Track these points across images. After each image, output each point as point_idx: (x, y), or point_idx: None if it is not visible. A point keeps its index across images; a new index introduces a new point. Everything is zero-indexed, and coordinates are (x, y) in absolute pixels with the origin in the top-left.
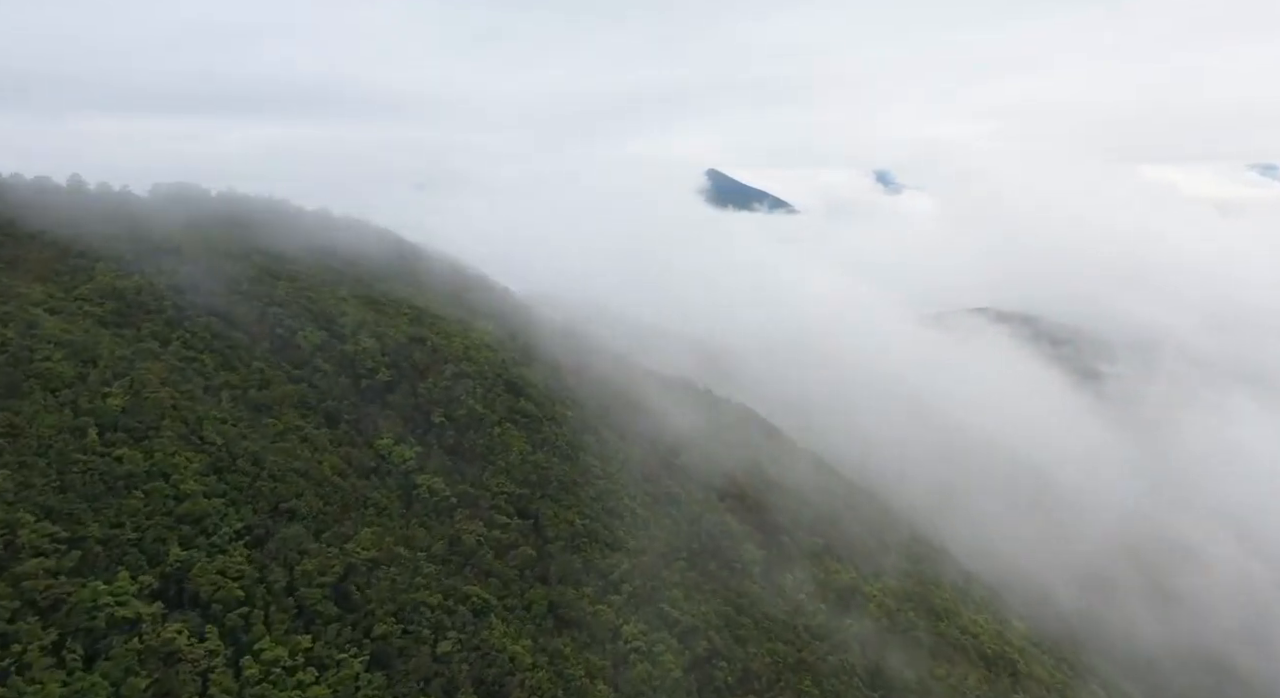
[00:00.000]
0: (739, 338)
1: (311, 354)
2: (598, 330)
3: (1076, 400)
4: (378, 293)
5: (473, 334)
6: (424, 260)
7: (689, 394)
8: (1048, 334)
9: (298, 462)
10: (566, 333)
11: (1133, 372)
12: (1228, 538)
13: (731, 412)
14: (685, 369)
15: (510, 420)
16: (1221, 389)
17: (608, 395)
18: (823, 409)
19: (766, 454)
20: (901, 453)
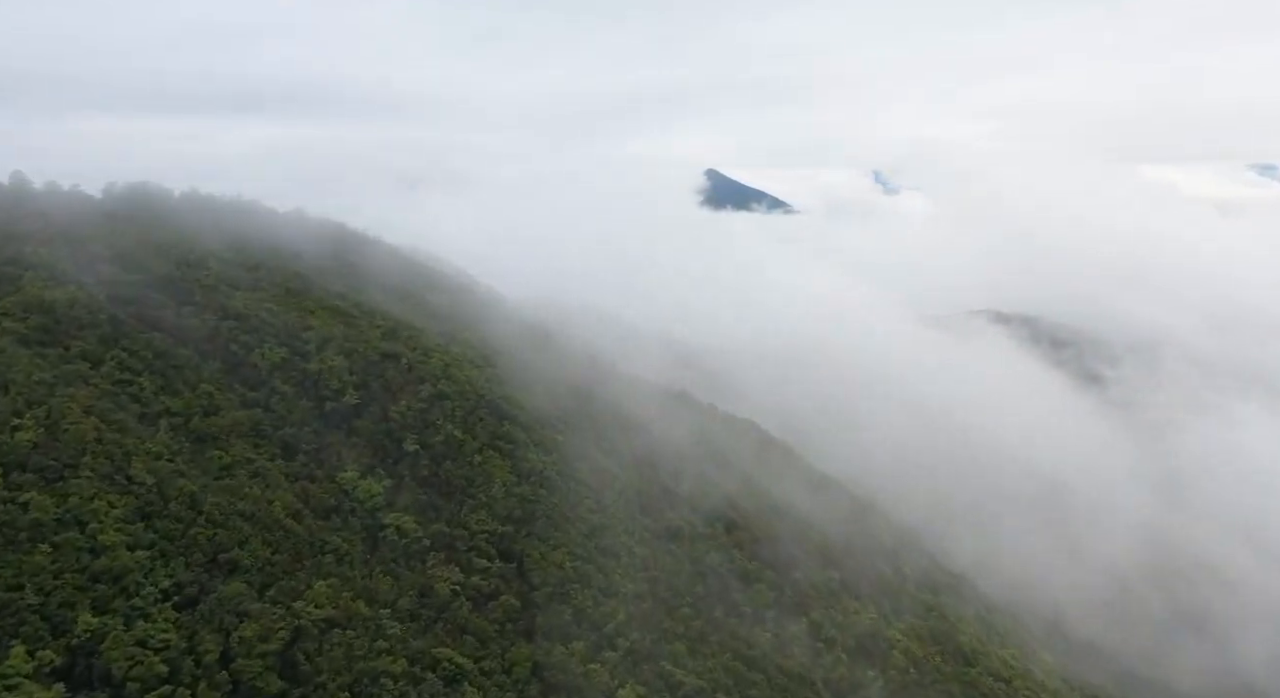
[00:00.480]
0: (737, 342)
1: (269, 374)
2: (592, 338)
3: (1081, 406)
4: (350, 304)
5: (454, 349)
6: (407, 266)
7: (689, 410)
8: (1049, 336)
9: (244, 502)
10: (559, 343)
11: (1136, 374)
12: (1245, 553)
13: (735, 429)
14: (682, 377)
15: (493, 447)
16: (1227, 393)
17: (603, 414)
18: (823, 415)
19: (773, 475)
20: (904, 461)
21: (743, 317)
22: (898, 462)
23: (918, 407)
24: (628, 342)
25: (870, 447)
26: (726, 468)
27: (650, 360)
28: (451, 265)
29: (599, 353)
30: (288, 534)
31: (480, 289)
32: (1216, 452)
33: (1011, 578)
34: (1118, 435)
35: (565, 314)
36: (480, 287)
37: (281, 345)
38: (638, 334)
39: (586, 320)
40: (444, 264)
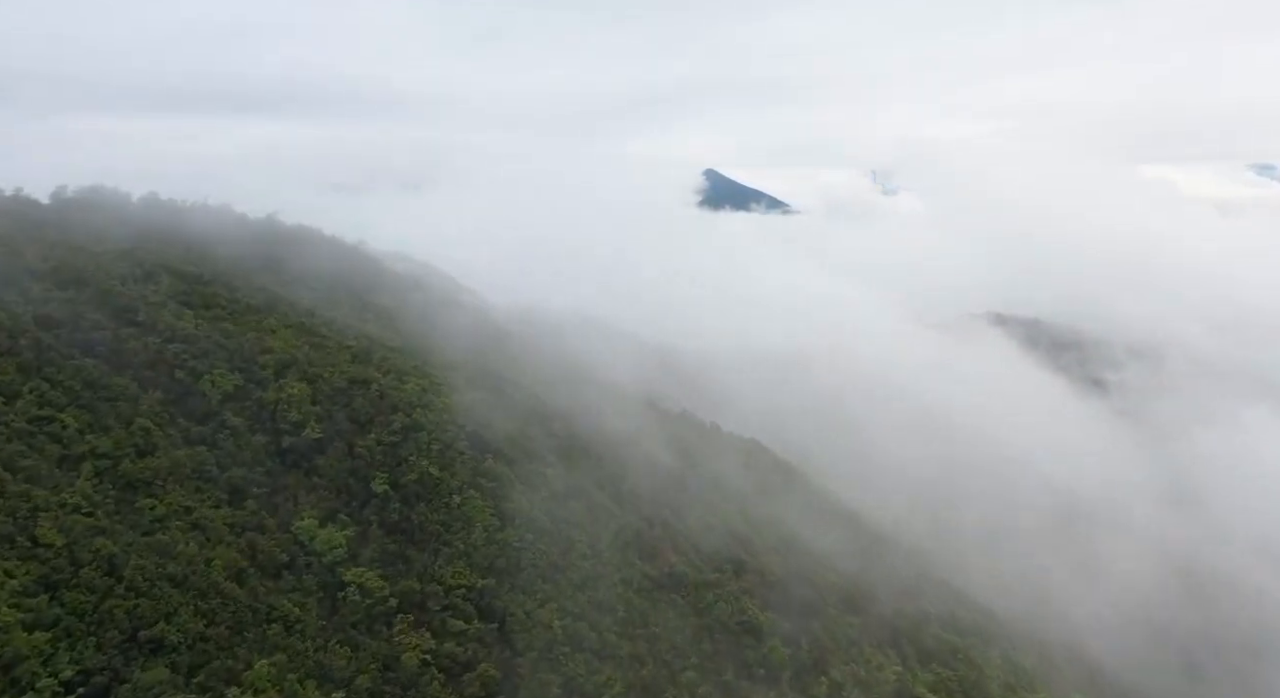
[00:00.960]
0: (732, 348)
1: (219, 405)
2: (582, 349)
3: (1087, 413)
4: (319, 321)
5: (433, 371)
6: (388, 278)
7: (691, 432)
8: (1049, 339)
9: (175, 563)
10: (551, 358)
11: (1139, 379)
12: (1268, 570)
13: (739, 451)
14: (677, 390)
15: (474, 485)
16: (1233, 397)
17: (596, 441)
18: (820, 423)
19: (781, 503)
20: (906, 473)
21: (738, 321)
22: (899, 474)
23: (919, 414)
24: (621, 352)
25: (870, 457)
26: (732, 497)
27: (645, 373)
28: (442, 274)
29: (590, 366)
30: (226, 601)
31: (468, 298)
32: (1227, 460)
33: (1029, 602)
34: (1125, 444)
35: (555, 322)
36: (468, 295)
37: (235, 371)
38: (631, 343)
39: (577, 329)
40: (433, 272)
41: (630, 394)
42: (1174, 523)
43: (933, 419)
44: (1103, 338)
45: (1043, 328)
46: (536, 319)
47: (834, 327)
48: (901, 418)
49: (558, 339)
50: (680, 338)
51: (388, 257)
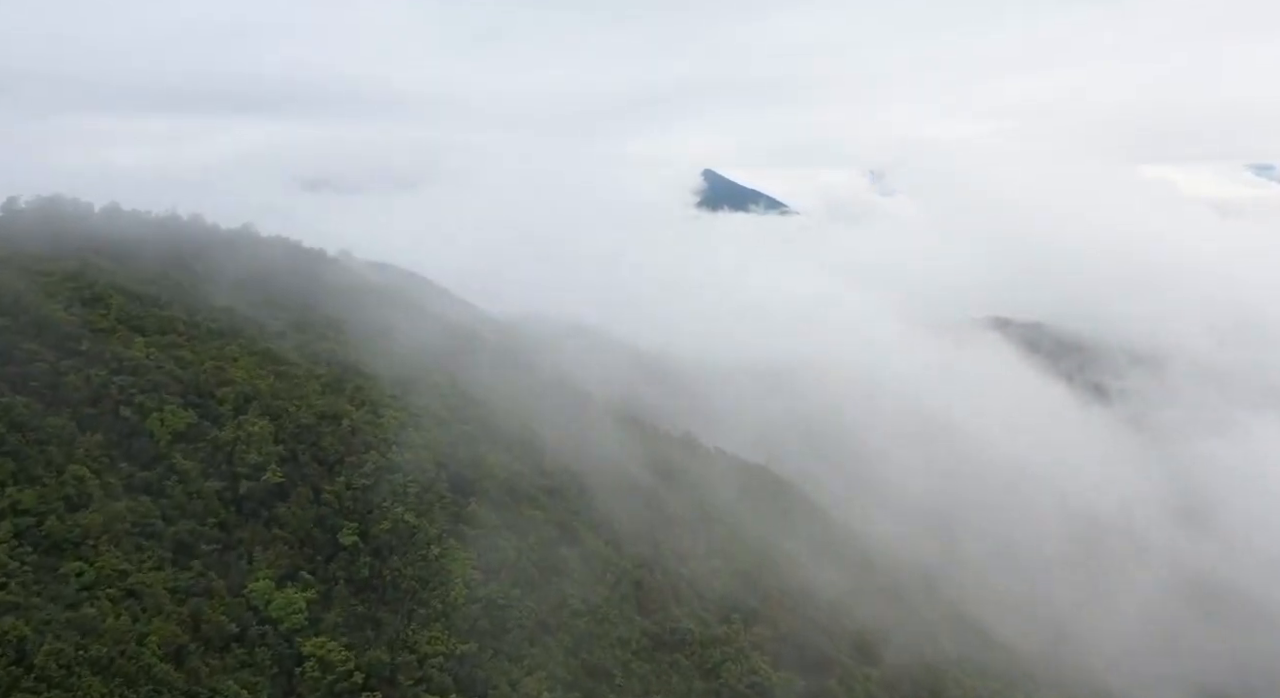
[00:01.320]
0: (727, 357)
1: (169, 446)
2: (579, 363)
3: (1092, 422)
4: (287, 346)
5: (414, 401)
6: (370, 296)
7: (694, 458)
8: (1051, 344)
9: (101, 644)
10: (543, 377)
11: (1143, 386)
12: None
13: (744, 476)
14: (675, 402)
15: (455, 533)
16: (1240, 405)
17: (594, 475)
18: (825, 438)
19: (790, 536)
20: (907, 489)
21: (736, 328)
22: (904, 489)
23: (922, 424)
24: (617, 366)
25: (874, 472)
26: (737, 532)
27: (641, 388)
28: (430, 285)
29: (584, 383)
30: (159, 688)
31: (455, 312)
32: (1239, 471)
33: (1048, 634)
34: (1133, 455)
35: (548, 335)
36: (456, 307)
37: (189, 407)
38: (627, 354)
39: (570, 341)
40: (420, 284)
41: (626, 415)
42: (1188, 540)
43: (936, 430)
44: (1104, 343)
45: (1044, 332)
46: (529, 331)
47: (833, 334)
48: (905, 429)
49: (550, 354)
50: (678, 347)
51: (373, 268)
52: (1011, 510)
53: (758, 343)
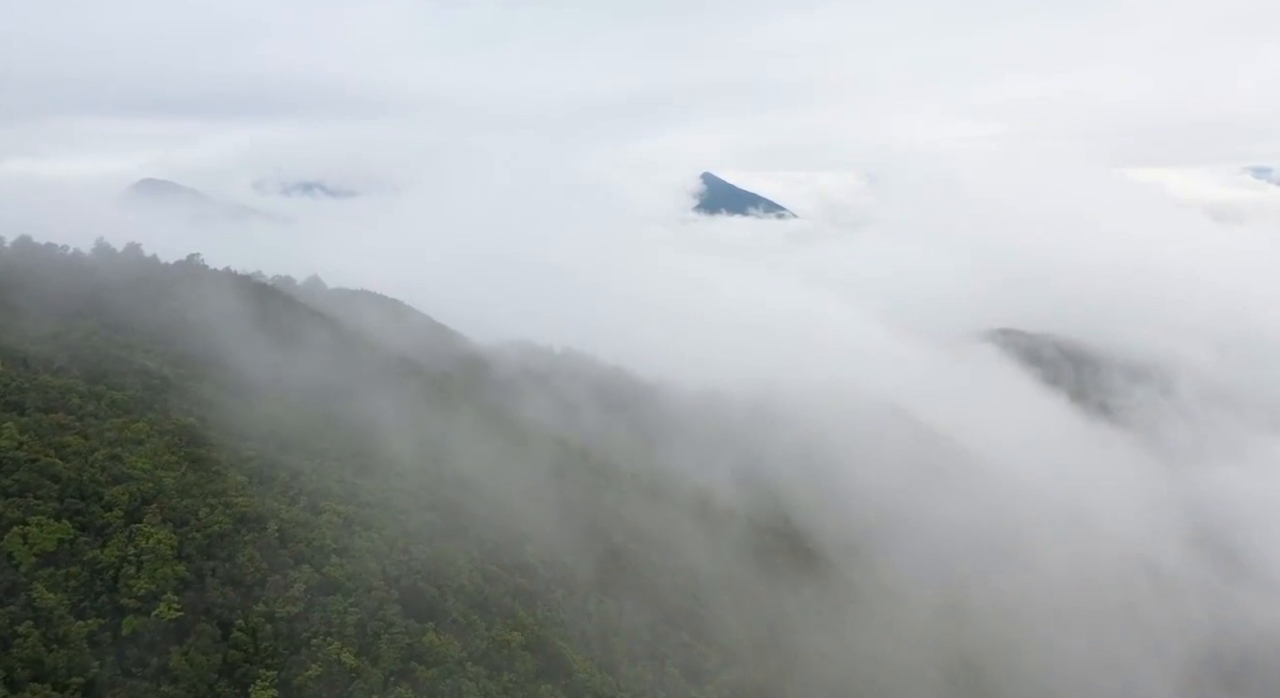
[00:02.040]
0: (722, 384)
1: (31, 573)
2: (563, 404)
3: (1103, 444)
4: (211, 420)
5: (366, 485)
6: (330, 338)
7: (702, 524)
8: (1055, 360)
9: None
10: (522, 425)
11: (1150, 403)
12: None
13: (761, 540)
14: (669, 436)
15: (408, 676)
16: (1249, 426)
17: (585, 571)
18: (832, 475)
19: (827, 619)
20: (908, 520)
21: (722, 348)
22: (908, 528)
23: (927, 450)
24: (607, 403)
25: (873, 507)
26: (761, 622)
27: (634, 428)
28: (412, 313)
29: (565, 426)
30: None
31: (432, 352)
32: (1259, 499)
33: (1082, 688)
34: (1149, 483)
35: (528, 363)
36: (436, 340)
37: (65, 515)
38: (615, 382)
39: (552, 371)
40: (400, 312)
41: (618, 475)
42: (1215, 575)
43: (943, 459)
44: (1105, 356)
45: (1044, 344)
46: (509, 362)
47: (830, 351)
48: (911, 457)
49: (533, 392)
50: (670, 370)
51: (343, 297)
52: (1029, 551)
53: (748, 363)
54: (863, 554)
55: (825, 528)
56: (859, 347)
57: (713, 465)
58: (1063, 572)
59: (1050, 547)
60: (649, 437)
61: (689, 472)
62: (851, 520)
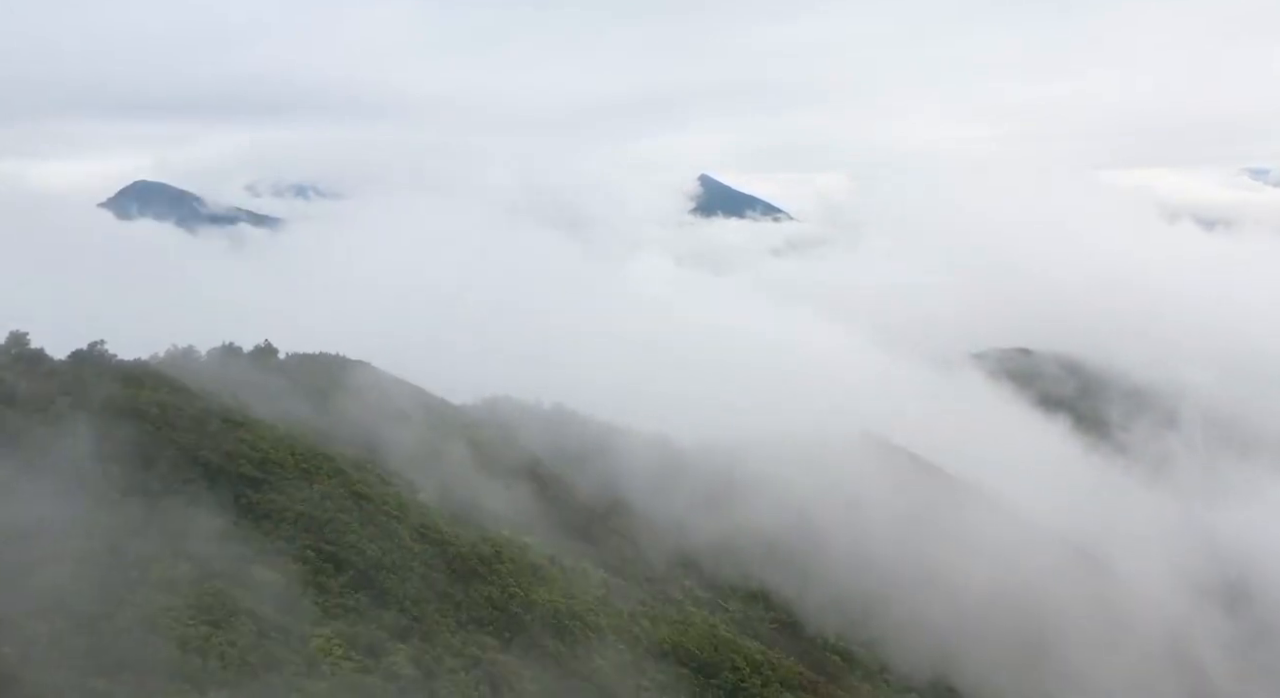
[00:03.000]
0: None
1: None
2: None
3: (1113, 481)
4: None
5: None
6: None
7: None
8: (1047, 380)
9: None
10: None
11: (1148, 429)
12: None
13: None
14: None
15: None
16: (1267, 464)
17: None
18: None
19: None
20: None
21: (695, 380)
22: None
23: (915, 486)
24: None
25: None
26: None
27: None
28: (380, 378)
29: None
30: None
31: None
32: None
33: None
34: (1164, 526)
35: (518, 421)
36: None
37: None
38: (631, 445)
39: (542, 436)
40: (364, 378)
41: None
42: (1247, 636)
43: (943, 494)
44: (1107, 379)
45: (1044, 367)
46: (498, 422)
47: (819, 384)
48: (912, 503)
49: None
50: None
51: (296, 364)
52: (1031, 593)
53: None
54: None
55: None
56: (846, 374)
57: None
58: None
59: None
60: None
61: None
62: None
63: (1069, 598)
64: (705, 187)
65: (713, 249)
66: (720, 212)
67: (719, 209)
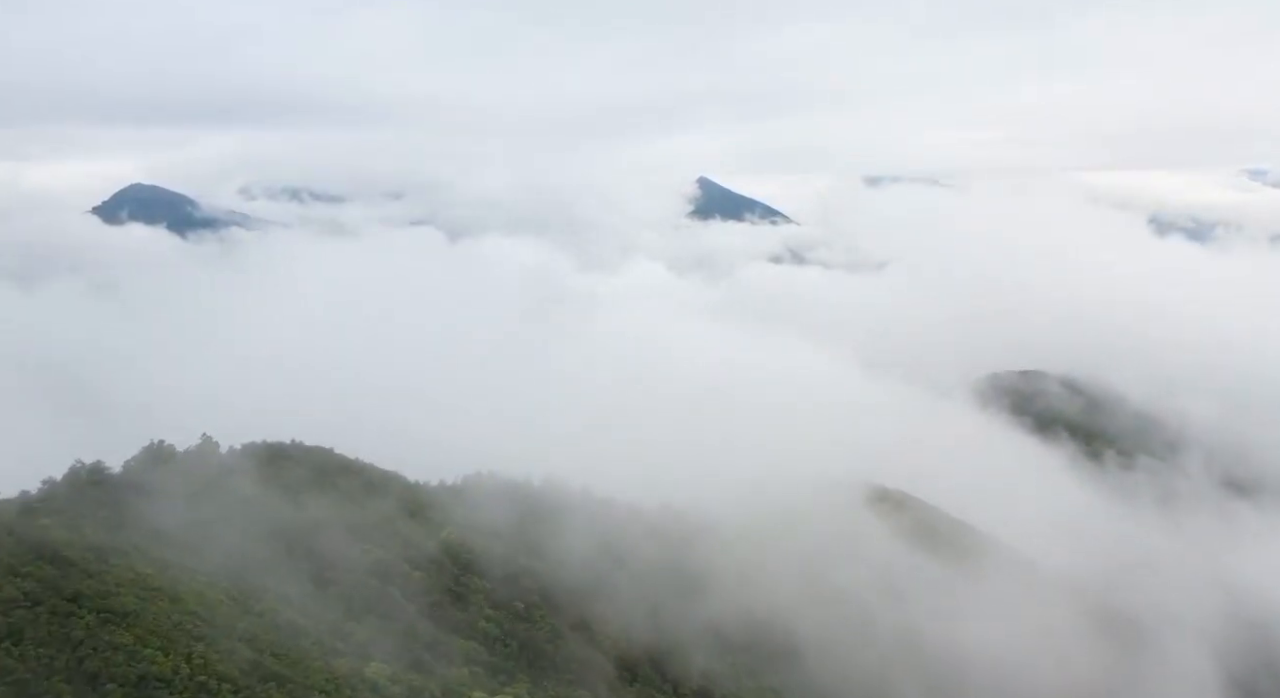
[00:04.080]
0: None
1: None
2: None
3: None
4: None
5: None
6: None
7: None
8: (1046, 408)
9: None
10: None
11: (1159, 465)
12: None
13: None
14: None
15: None
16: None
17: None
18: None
19: None
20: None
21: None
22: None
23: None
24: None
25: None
26: None
27: None
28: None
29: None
30: None
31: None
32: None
33: None
34: (1182, 571)
35: (500, 501)
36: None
37: None
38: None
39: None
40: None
41: None
42: None
43: (950, 545)
44: (1112, 405)
45: (1045, 395)
46: (518, 511)
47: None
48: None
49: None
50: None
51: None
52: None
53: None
54: None
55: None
56: (838, 407)
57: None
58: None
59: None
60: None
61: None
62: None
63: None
64: (704, 189)
65: (709, 253)
66: (718, 214)
67: (717, 212)
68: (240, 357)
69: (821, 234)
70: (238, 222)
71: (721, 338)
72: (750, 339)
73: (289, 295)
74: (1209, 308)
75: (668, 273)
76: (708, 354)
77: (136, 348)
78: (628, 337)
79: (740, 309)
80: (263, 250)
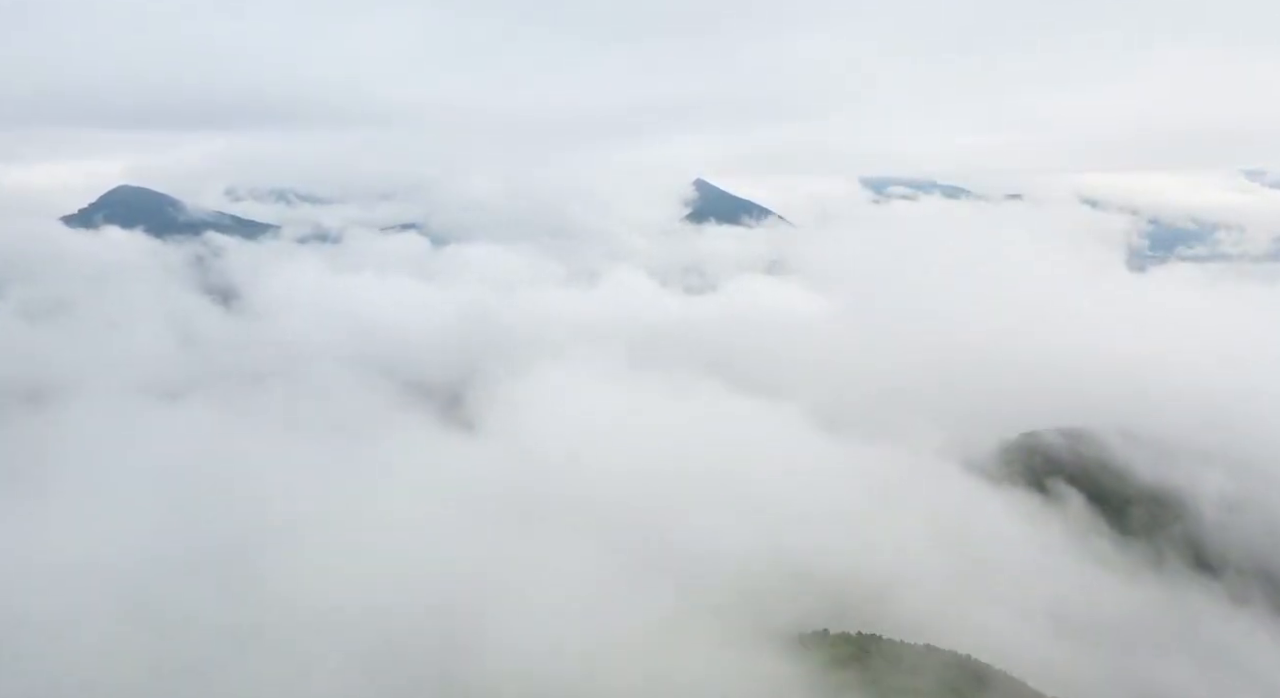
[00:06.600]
0: None
1: None
2: None
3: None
4: None
5: None
6: None
7: None
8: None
9: None
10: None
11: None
12: None
13: None
14: None
15: None
16: None
17: None
18: None
19: None
20: None
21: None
22: None
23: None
24: None
25: None
26: None
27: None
28: None
29: None
30: None
31: None
32: None
33: None
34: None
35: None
36: None
37: None
38: None
39: None
40: None
41: None
42: None
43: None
44: (1118, 469)
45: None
46: None
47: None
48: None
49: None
50: None
51: None
52: None
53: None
54: None
55: None
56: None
57: None
58: None
59: None
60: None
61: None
62: None
63: None
64: (700, 191)
65: (699, 261)
66: (714, 218)
67: (712, 216)
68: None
69: (816, 243)
70: (221, 224)
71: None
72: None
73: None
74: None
75: (651, 283)
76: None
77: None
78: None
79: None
80: (238, 259)
